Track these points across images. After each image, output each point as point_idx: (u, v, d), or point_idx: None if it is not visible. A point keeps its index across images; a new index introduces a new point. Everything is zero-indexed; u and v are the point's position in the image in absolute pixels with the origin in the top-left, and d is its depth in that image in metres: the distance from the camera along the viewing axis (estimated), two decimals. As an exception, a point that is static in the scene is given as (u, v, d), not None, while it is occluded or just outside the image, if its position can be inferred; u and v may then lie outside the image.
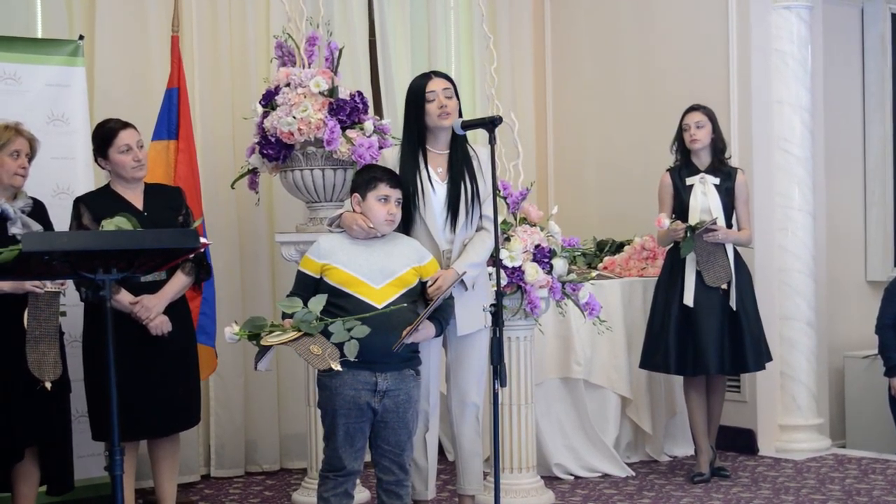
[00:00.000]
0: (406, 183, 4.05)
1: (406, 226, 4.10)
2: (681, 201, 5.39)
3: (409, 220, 4.11)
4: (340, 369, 3.61)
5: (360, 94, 4.81)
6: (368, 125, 4.72)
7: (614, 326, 5.57)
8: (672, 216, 5.37)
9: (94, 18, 5.39)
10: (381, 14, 6.30)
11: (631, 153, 6.66)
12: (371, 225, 3.87)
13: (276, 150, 4.75)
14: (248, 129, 5.10)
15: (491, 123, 3.87)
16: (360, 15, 6.18)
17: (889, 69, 7.09)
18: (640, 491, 5.28)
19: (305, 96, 4.70)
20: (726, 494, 5.16)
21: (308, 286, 3.82)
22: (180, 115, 5.09)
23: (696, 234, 5.24)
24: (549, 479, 5.38)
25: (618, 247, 6.44)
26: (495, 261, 3.88)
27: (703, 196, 5.35)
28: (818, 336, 6.16)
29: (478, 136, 4.57)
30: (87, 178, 4.89)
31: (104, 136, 4.35)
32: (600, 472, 5.59)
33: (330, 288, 3.78)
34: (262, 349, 3.67)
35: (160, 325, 4.26)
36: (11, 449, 4.13)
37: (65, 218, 4.37)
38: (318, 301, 3.68)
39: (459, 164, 4.18)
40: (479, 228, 4.21)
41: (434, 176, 4.17)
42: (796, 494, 5.14)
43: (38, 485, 4.31)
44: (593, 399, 5.70)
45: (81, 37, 5.03)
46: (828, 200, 6.51)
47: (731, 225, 5.37)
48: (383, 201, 3.88)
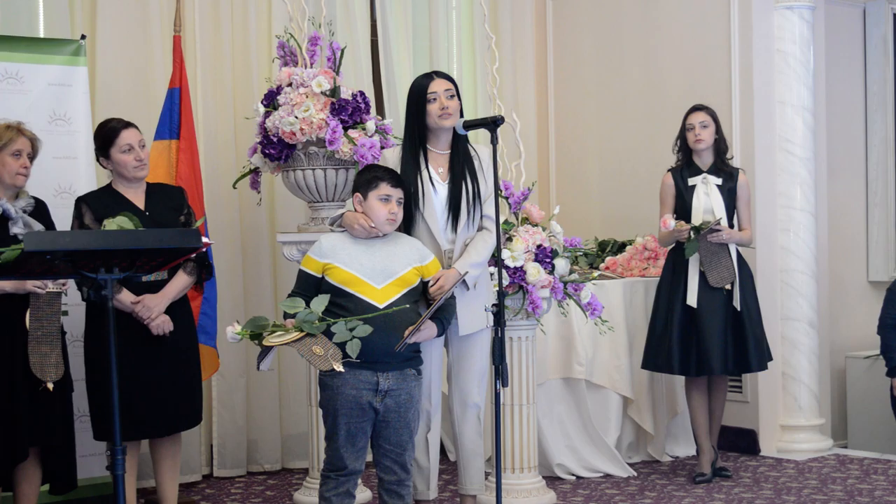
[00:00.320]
0: (407, 183, 4.05)
1: (407, 226, 4.10)
2: (683, 202, 5.38)
3: (411, 219, 4.11)
4: (342, 370, 3.62)
5: (361, 93, 4.81)
6: (370, 125, 4.72)
7: (616, 327, 5.57)
8: (675, 216, 5.36)
9: (96, 18, 5.40)
10: (382, 14, 6.31)
11: (633, 153, 6.66)
12: (372, 224, 3.87)
13: (277, 149, 4.75)
14: (250, 128, 5.10)
15: (493, 123, 3.86)
16: (362, 15, 6.18)
17: (891, 70, 7.09)
18: (642, 491, 5.28)
19: (307, 96, 4.70)
20: (728, 495, 5.16)
21: (310, 285, 3.82)
22: (182, 115, 5.08)
23: (700, 234, 5.24)
24: (551, 480, 5.38)
25: (620, 247, 6.43)
26: (497, 261, 3.89)
27: (706, 196, 5.34)
28: (820, 336, 6.15)
29: (479, 136, 4.57)
30: (88, 177, 4.89)
31: (106, 135, 4.34)
32: (602, 472, 5.59)
33: (331, 287, 3.78)
34: (265, 349, 3.67)
35: (162, 324, 4.26)
36: (15, 449, 4.13)
37: (66, 217, 4.37)
38: (321, 301, 3.68)
39: (461, 164, 4.18)
40: (481, 228, 4.21)
41: (435, 176, 4.17)
42: (798, 495, 5.13)
43: (39, 484, 4.32)
44: (595, 399, 5.69)
45: (83, 36, 5.03)
46: (830, 201, 6.51)
47: (732, 225, 5.37)
48: (385, 201, 3.88)
